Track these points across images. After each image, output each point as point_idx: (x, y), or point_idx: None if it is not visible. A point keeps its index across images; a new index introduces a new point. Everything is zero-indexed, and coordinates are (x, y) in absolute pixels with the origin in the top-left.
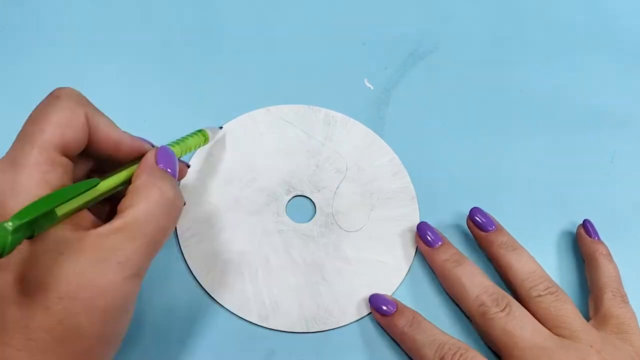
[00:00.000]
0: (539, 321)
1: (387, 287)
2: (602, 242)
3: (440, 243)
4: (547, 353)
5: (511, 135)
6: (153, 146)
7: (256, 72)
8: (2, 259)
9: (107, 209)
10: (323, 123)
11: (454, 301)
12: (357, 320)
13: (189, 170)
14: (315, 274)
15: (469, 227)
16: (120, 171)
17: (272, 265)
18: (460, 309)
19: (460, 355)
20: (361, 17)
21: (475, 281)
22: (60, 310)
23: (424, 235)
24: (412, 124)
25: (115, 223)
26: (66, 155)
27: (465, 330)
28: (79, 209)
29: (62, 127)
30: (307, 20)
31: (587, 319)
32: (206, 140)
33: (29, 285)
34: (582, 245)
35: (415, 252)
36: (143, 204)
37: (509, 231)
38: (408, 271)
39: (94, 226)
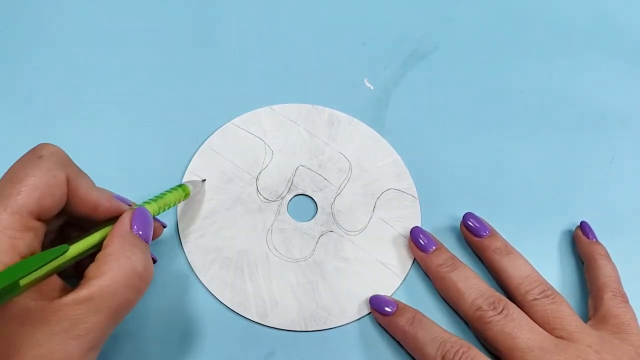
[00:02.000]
0: (536, 324)
1: (387, 288)
2: (599, 243)
3: (434, 247)
4: (547, 354)
5: (511, 135)
6: (130, 205)
7: (257, 72)
8: None
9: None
10: (327, 123)
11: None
12: (356, 320)
13: (189, 173)
14: (314, 273)
15: (462, 233)
16: (92, 233)
17: (272, 264)
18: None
19: (463, 353)
20: (361, 17)
21: (471, 285)
22: None
23: (417, 240)
24: (412, 125)
25: (81, 293)
26: (39, 219)
27: (465, 333)
28: (45, 277)
29: (40, 192)
30: (308, 20)
31: (586, 319)
32: (187, 195)
33: None
34: (580, 246)
35: None
36: (111, 274)
37: (510, 231)
38: (408, 273)
39: (60, 293)
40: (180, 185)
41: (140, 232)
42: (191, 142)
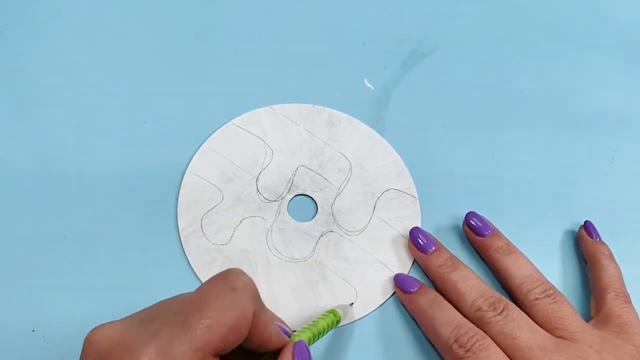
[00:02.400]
0: (537, 324)
1: (387, 288)
2: (603, 243)
3: (433, 248)
4: (547, 353)
5: (511, 135)
6: (289, 335)
7: (257, 71)
8: None
9: None
10: (327, 123)
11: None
12: (357, 320)
13: (192, 171)
14: (315, 273)
15: (464, 232)
16: None
17: (272, 263)
18: None
19: (477, 340)
20: (361, 17)
21: (471, 286)
22: None
23: (416, 241)
24: (412, 125)
25: None
26: (218, 355)
27: None
28: None
29: (228, 329)
30: (308, 20)
31: (588, 319)
32: (338, 321)
33: None
34: (583, 246)
35: None
36: None
37: (510, 231)
38: (408, 273)
39: None
40: (331, 311)
41: None
42: (191, 142)
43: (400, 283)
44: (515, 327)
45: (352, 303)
